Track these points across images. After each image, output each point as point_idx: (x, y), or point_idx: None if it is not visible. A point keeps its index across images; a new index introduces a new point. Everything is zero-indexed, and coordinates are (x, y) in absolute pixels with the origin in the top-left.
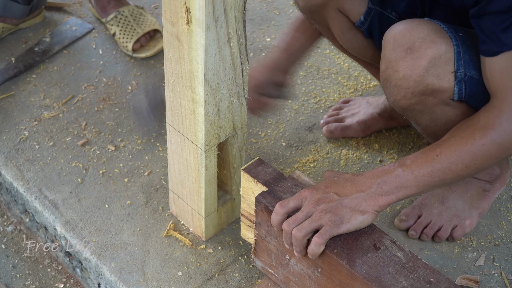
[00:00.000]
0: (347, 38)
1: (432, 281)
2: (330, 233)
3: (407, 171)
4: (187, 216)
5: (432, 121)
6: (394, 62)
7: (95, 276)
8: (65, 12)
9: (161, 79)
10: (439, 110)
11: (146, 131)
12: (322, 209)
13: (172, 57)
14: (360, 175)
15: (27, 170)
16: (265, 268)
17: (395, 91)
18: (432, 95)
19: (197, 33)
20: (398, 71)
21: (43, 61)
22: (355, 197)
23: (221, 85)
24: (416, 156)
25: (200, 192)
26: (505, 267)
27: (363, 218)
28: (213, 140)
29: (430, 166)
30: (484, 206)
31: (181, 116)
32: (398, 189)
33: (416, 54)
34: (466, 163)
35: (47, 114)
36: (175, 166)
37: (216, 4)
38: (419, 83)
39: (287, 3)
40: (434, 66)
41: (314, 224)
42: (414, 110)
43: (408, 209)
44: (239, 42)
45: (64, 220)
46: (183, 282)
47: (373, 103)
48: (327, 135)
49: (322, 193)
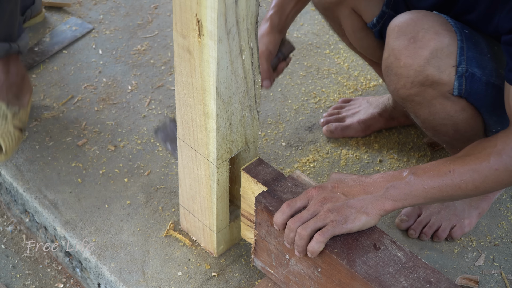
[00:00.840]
0: (358, 37)
1: (432, 281)
2: (333, 232)
3: (417, 180)
4: (198, 232)
5: (431, 115)
6: (396, 50)
7: (95, 276)
8: (65, 12)
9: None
10: (438, 103)
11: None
12: (328, 209)
13: (183, 70)
14: (368, 177)
15: (27, 170)
16: (265, 268)
17: (395, 80)
18: (432, 87)
19: (209, 46)
20: (399, 59)
21: (43, 61)
22: (362, 199)
23: (233, 98)
24: (429, 167)
25: (212, 207)
26: (505, 267)
27: (367, 220)
28: (225, 154)
29: (441, 180)
30: (484, 206)
31: (192, 131)
32: (405, 197)
33: (418, 44)
34: (476, 184)
35: (47, 114)
36: (186, 181)
37: (229, 16)
38: (419, 73)
39: None
40: (436, 57)
41: (319, 223)
42: (413, 102)
43: (408, 209)
44: (251, 55)
45: (64, 220)
46: (183, 282)
47: (373, 103)
48: (327, 134)
49: (328, 193)
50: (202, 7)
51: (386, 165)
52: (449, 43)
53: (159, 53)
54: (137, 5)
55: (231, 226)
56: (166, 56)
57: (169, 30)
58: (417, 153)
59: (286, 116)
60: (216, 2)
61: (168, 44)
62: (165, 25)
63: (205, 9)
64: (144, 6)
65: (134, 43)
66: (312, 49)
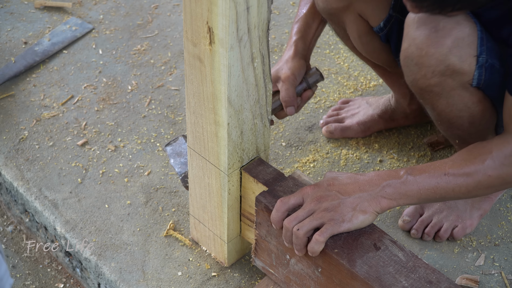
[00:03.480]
0: (364, 42)
1: (432, 281)
2: (331, 231)
3: (412, 181)
4: (208, 242)
5: (448, 106)
6: (418, 40)
7: (95, 276)
8: (65, 12)
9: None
10: (457, 94)
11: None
12: (324, 208)
13: (194, 79)
14: (363, 175)
15: (27, 170)
16: (265, 268)
17: (415, 70)
18: (452, 77)
19: (220, 54)
20: (421, 48)
21: (43, 61)
22: (358, 197)
23: (245, 106)
24: (425, 168)
25: (223, 217)
26: (505, 267)
27: (364, 218)
28: (236, 163)
29: (435, 182)
30: (485, 207)
31: (203, 139)
32: (400, 196)
33: (440, 33)
34: (469, 188)
35: (47, 114)
36: (196, 190)
37: (240, 23)
38: (441, 62)
39: (287, 3)
40: (457, 47)
41: (316, 222)
42: (432, 92)
43: (410, 209)
44: (262, 62)
45: (64, 220)
46: (183, 282)
47: (373, 104)
48: (327, 135)
49: (324, 191)
50: (214, 14)
51: (386, 165)
52: (469, 33)
53: (159, 53)
54: (137, 5)
55: (242, 236)
56: (166, 56)
57: (169, 30)
58: (417, 153)
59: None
60: (227, 9)
61: (168, 44)
62: (165, 25)
63: (216, 17)
64: (144, 6)
65: (134, 43)
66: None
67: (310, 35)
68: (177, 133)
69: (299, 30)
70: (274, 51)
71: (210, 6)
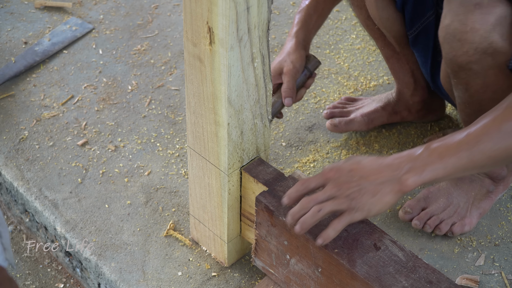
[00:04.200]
0: (379, 6)
1: (432, 281)
2: (350, 219)
3: (434, 154)
4: (208, 242)
5: (483, 87)
6: (462, 15)
7: (95, 276)
8: (65, 12)
9: None
10: (494, 75)
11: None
12: (346, 195)
13: (194, 79)
14: (385, 158)
15: (27, 170)
16: (266, 268)
17: (457, 46)
18: (492, 56)
19: (220, 54)
20: (466, 24)
21: (43, 61)
22: (380, 182)
23: (245, 106)
24: (443, 139)
25: (223, 217)
26: (505, 267)
27: (385, 203)
28: (236, 163)
29: (456, 148)
30: (485, 207)
31: (203, 139)
32: (425, 172)
33: (484, 10)
34: (495, 140)
35: (47, 114)
36: (196, 190)
37: (240, 23)
38: (485, 39)
39: (287, 3)
40: (500, 25)
41: (336, 208)
42: (470, 70)
43: (412, 201)
44: (262, 62)
45: (64, 220)
46: (183, 282)
47: (376, 99)
48: (331, 128)
49: (346, 177)
50: (214, 14)
51: None
52: (510, 12)
53: (159, 53)
54: (137, 5)
55: (242, 236)
56: (166, 56)
57: (169, 30)
58: None
59: (286, 116)
60: (227, 9)
61: (168, 44)
62: (165, 25)
63: (216, 17)
64: (144, 6)
65: (134, 43)
66: (312, 49)
67: (310, 25)
68: (177, 133)
69: (300, 20)
70: (274, 51)
71: (210, 6)
